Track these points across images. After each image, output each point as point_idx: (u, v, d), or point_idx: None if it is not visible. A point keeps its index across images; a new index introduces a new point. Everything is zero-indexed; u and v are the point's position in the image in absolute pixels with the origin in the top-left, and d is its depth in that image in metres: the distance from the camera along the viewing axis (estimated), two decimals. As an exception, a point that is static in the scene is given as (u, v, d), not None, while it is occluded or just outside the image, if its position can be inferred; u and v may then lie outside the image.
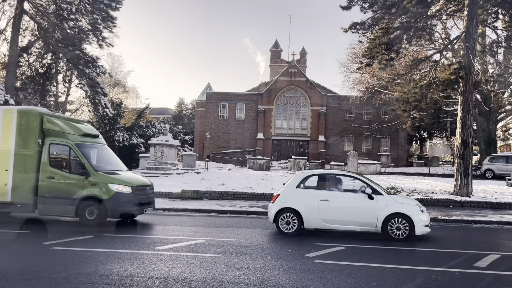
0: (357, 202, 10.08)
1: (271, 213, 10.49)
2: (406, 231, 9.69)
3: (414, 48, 24.79)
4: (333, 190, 10.38)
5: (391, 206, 9.85)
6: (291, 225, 10.20)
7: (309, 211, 10.12)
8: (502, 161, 28.21)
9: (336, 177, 10.80)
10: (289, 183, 10.77)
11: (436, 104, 31.22)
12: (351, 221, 10.04)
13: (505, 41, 21.53)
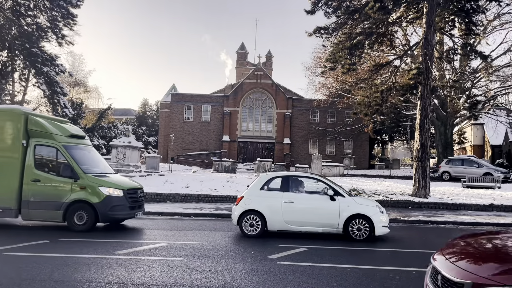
0: (319, 204, 10.22)
1: (234, 215, 10.44)
2: (367, 232, 9.94)
3: (376, 54, 25.53)
4: (296, 192, 10.48)
5: (352, 207, 10.06)
6: (254, 227, 10.20)
7: (273, 213, 10.16)
8: (458, 163, 29.46)
9: (299, 179, 10.89)
10: (253, 185, 10.75)
11: (396, 108, 32.27)
12: (313, 223, 10.17)
13: (461, 48, 22.48)
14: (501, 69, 32.39)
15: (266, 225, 10.23)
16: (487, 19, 29.50)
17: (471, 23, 19.80)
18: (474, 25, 20.14)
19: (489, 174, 26.49)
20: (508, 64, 32.16)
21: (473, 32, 20.53)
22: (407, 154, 73.13)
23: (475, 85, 33.61)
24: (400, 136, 53.46)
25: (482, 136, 59.20)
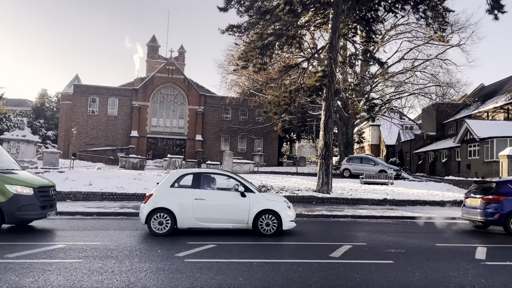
0: (230, 200, 10.33)
1: (143, 214, 10.10)
2: (275, 227, 10.28)
3: (286, 55, 26.45)
4: (207, 189, 10.44)
5: (261, 203, 10.34)
6: (163, 226, 9.96)
7: (183, 210, 10.03)
8: (357, 161, 31.77)
9: (211, 176, 10.86)
10: (163, 183, 10.50)
11: (303, 108, 33.78)
12: (224, 219, 10.26)
13: (362, 54, 24.23)
14: (396, 75, 35.66)
15: (176, 223, 10.05)
16: (385, 29, 32.26)
17: (371, 31, 21.46)
18: (374, 33, 21.86)
19: (384, 172, 28.99)
20: (401, 71, 35.50)
21: (373, 40, 22.28)
22: (313, 152, 77.10)
23: (373, 89, 36.55)
24: (307, 135, 56.07)
25: (378, 136, 64.69)
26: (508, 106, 34.83)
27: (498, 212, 11.88)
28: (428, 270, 7.12)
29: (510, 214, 11.81)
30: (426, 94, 38.33)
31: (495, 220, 12.03)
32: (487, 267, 7.46)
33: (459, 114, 43.99)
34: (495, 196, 12.11)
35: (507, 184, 12.45)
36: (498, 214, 11.87)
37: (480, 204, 12.33)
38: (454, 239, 10.72)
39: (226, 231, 10.53)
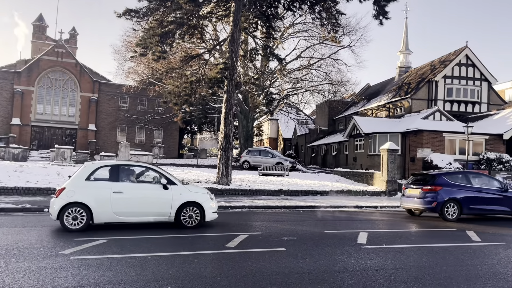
0: (152, 193, 10.07)
1: (54, 209, 9.37)
2: (198, 219, 10.24)
3: (188, 45, 25.97)
4: (127, 182, 10.02)
5: (184, 195, 10.20)
6: (78, 221, 9.38)
7: (101, 204, 9.53)
8: (256, 154, 32.67)
9: (130, 168, 10.47)
10: (77, 175, 9.79)
11: (204, 100, 33.62)
12: (145, 212, 9.96)
13: (262, 50, 24.85)
14: (293, 72, 37.33)
15: (92, 218, 9.51)
16: (284, 26, 33.50)
17: (271, 27, 22.08)
18: (274, 29, 22.54)
19: (281, 164, 30.25)
20: (298, 68, 37.25)
21: (273, 36, 22.96)
22: (214, 145, 77.40)
23: (272, 84, 37.84)
24: (208, 127, 56.04)
25: (276, 130, 67.27)
26: (389, 104, 38.71)
27: (435, 200, 13.47)
28: (317, 256, 7.58)
29: (445, 202, 13.45)
30: (320, 91, 40.89)
31: (433, 208, 13.60)
32: (367, 250, 8.19)
33: (348, 111, 47.72)
34: (433, 187, 13.65)
35: (442, 176, 14.02)
36: (435, 203, 13.45)
37: (420, 194, 13.85)
38: (340, 226, 11.59)
39: (143, 225, 10.17)
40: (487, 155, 25.67)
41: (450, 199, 13.54)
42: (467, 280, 6.23)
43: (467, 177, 14.30)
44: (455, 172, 14.97)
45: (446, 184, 13.82)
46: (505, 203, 14.17)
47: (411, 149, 28.11)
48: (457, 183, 13.99)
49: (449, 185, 13.81)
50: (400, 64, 45.42)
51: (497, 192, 14.21)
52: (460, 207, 13.60)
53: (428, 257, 7.76)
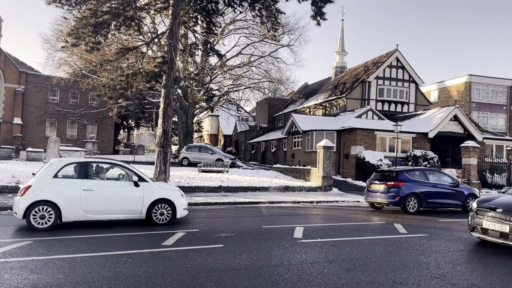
0: (123, 190, 10.06)
1: (19, 208, 9.03)
2: (169, 216, 10.37)
3: (124, 37, 24.99)
4: (97, 179, 9.96)
5: (156, 193, 10.27)
6: (46, 219, 9.14)
7: (69, 202, 9.36)
8: (196, 150, 32.31)
9: (99, 165, 10.39)
10: (43, 173, 9.54)
11: (141, 94, 32.59)
12: (115, 210, 9.90)
13: (202, 45, 24.56)
14: (234, 68, 37.32)
15: (61, 216, 9.31)
16: (225, 22, 33.35)
17: (211, 23, 21.87)
18: (214, 25, 22.33)
19: (221, 160, 30.17)
20: (239, 65, 37.30)
21: (213, 31, 22.74)
22: (152, 141, 75.41)
23: (213, 80, 37.56)
24: (146, 123, 54.47)
25: (217, 126, 67.03)
26: (326, 103, 40.04)
27: (398, 195, 14.55)
28: (254, 251, 7.64)
29: (407, 196, 14.57)
30: (260, 89, 41.28)
31: (396, 202, 14.65)
32: (303, 244, 8.39)
33: (287, 109, 48.70)
34: (396, 183, 14.72)
35: (404, 172, 15.17)
36: (398, 197, 14.55)
37: (384, 189, 14.90)
38: (278, 221, 11.78)
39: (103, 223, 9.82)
40: (414, 152, 27.40)
41: (411, 194, 14.66)
42: (394, 270, 6.59)
43: (425, 174, 15.60)
44: (414, 169, 16.02)
45: (407, 180, 14.92)
46: (456, 197, 15.62)
47: (345, 146, 29.28)
48: (417, 179, 15.21)
49: (410, 181, 14.94)
50: (336, 65, 47.11)
51: (450, 187, 15.63)
52: (419, 201, 14.81)
53: (359, 249, 8.11)
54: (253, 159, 47.76)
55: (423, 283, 5.95)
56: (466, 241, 9.37)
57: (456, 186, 15.81)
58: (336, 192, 21.68)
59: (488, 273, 6.61)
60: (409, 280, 6.05)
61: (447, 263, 7.18)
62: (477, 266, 7.03)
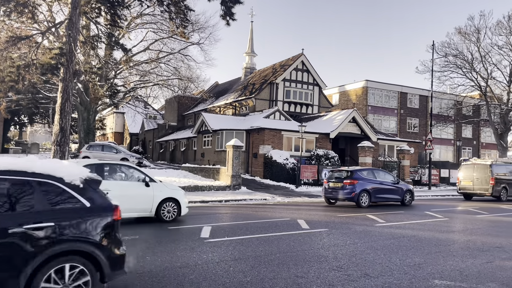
0: (136, 190, 10.82)
1: None
2: (175, 213, 11.33)
3: (16, 24, 22.64)
4: (111, 180, 10.58)
5: (164, 192, 11.20)
6: None
7: None
8: (99, 149, 30.47)
9: (113, 166, 11.15)
10: None
11: (35, 87, 29.89)
12: (130, 209, 10.34)
13: (106, 38, 23.18)
14: (141, 64, 35.96)
15: None
16: (132, 16, 31.96)
17: (116, 15, 20.72)
18: (119, 18, 21.20)
19: (126, 159, 28.85)
20: (146, 61, 36.05)
21: (118, 24, 21.59)
22: (48, 138, 69.60)
23: (117, 75, 35.76)
24: (41, 119, 50.00)
25: (123, 124, 64.06)
26: (236, 103, 40.50)
27: (354, 191, 16.32)
28: (158, 253, 7.40)
29: (361, 192, 16.39)
30: (170, 86, 40.31)
31: (352, 197, 16.37)
32: (209, 244, 8.35)
33: (197, 107, 48.33)
34: (351, 181, 16.50)
35: (357, 172, 17.02)
36: (354, 193, 16.31)
37: (341, 186, 16.63)
38: (185, 221, 11.57)
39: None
40: (317, 152, 28.95)
41: (363, 190, 16.53)
42: (296, 265, 6.86)
43: (373, 173, 17.69)
44: (365, 169, 18.04)
45: (361, 178, 16.79)
46: (397, 193, 17.79)
47: (254, 146, 29.91)
48: (367, 177, 17.11)
49: (362, 179, 16.81)
50: (246, 65, 47.91)
51: (392, 184, 17.78)
52: (370, 196, 16.71)
53: (265, 246, 8.30)
54: (162, 159, 46.54)
55: (322, 275, 6.27)
56: (361, 234, 10.11)
57: (397, 184, 18.02)
58: (244, 191, 22.02)
59: (379, 263, 7.19)
60: (309, 273, 6.34)
61: (344, 255, 7.67)
62: (369, 256, 7.61)
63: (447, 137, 51.87)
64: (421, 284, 5.94)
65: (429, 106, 38.86)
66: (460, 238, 9.88)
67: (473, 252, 8.30)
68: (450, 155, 51.82)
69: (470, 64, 40.95)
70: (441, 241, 9.36)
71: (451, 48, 41.57)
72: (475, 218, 14.28)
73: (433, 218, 13.65)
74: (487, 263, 7.34)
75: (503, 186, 22.08)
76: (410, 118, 49.30)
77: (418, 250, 8.32)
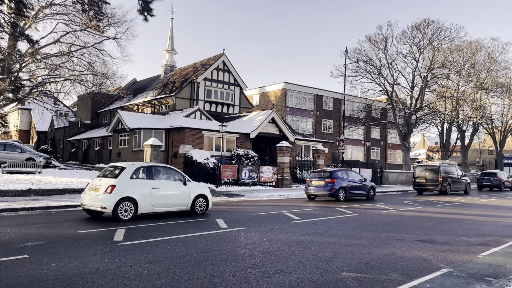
0: (176, 188, 12.74)
1: (108, 204, 11.11)
2: (205, 207, 13.39)
3: None
4: (157, 179, 12.28)
5: (197, 190, 13.23)
6: (128, 212, 11.37)
7: (144, 198, 11.68)
8: (0, 148, 27.77)
9: (157, 168, 12.70)
10: (123, 175, 11.56)
11: None
12: (172, 204, 12.58)
13: (10, 27, 21.19)
14: (50, 57, 33.38)
15: (137, 210, 11.55)
16: (40, 5, 29.56)
17: (21, 3, 19.03)
18: (25, 6, 19.49)
19: (32, 160, 26.62)
20: (56, 54, 33.56)
21: (23, 13, 19.85)
22: None
23: (23, 68, 32.82)
24: None
25: (29, 121, 59.02)
26: (155, 101, 39.39)
27: (334, 188, 19.77)
28: (66, 259, 6.93)
29: (339, 189, 19.83)
30: (83, 82, 37.90)
31: (332, 193, 19.76)
32: (123, 247, 8.01)
33: (113, 105, 46.16)
34: (331, 180, 19.97)
35: (335, 172, 20.66)
36: (334, 190, 19.76)
37: (323, 184, 20.00)
38: (96, 225, 10.99)
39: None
40: (237, 151, 29.21)
41: (341, 187, 20.02)
42: (212, 264, 6.85)
43: (347, 173, 21.46)
44: (340, 170, 21.89)
45: (338, 177, 20.25)
46: (364, 189, 21.48)
47: (174, 145, 29.33)
48: (342, 176, 20.63)
49: (339, 178, 20.27)
50: (166, 63, 46.82)
51: (360, 182, 21.41)
52: (345, 192, 20.20)
53: (181, 247, 8.18)
54: (74, 159, 43.70)
55: (238, 273, 6.34)
56: (277, 231, 10.40)
57: (364, 181, 21.79)
58: (163, 191, 21.48)
59: (292, 258, 7.45)
60: (225, 272, 6.36)
61: (260, 252, 7.83)
62: (284, 253, 7.85)
63: (358, 138, 55.40)
64: (331, 277, 6.27)
65: (342, 108, 41.20)
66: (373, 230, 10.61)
67: (379, 244, 8.95)
68: (360, 155, 55.41)
69: (378, 70, 44.10)
70: (351, 236, 9.97)
71: (362, 55, 44.44)
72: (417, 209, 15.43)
73: (381, 209, 14.49)
74: (389, 255, 7.96)
75: (448, 182, 27.73)
76: (325, 120, 51.84)
77: (329, 245, 8.77)
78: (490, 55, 49.48)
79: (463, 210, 17.49)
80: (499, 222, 13.70)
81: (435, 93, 47.41)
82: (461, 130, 53.43)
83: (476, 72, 48.28)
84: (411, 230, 11.14)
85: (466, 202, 22.10)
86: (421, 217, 14.60)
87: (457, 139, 54.36)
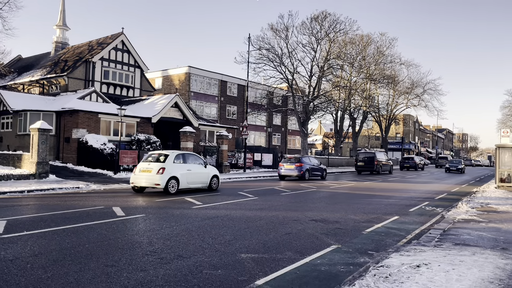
0: (201, 170, 16.77)
1: (162, 181, 14.88)
2: (217, 185, 17.59)
3: None
4: (189, 163, 16.34)
5: (213, 171, 17.46)
6: (174, 187, 15.28)
7: (182, 177, 15.64)
8: None
9: (187, 154, 16.73)
10: (168, 160, 15.40)
11: None
12: (198, 181, 16.68)
13: None
14: None
15: (178, 186, 15.46)
16: None
17: None
18: None
19: None
20: None
21: None
22: None
23: None
24: None
25: None
26: (44, 81, 35.90)
27: (302, 170, 25.39)
28: None
29: (306, 171, 25.63)
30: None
31: (301, 175, 25.30)
32: (3, 240, 7.22)
33: (-6, 84, 41.03)
34: (300, 164, 25.58)
35: (302, 158, 26.50)
36: (302, 171, 25.38)
37: (294, 167, 25.40)
38: (-28, 217, 9.74)
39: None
40: (138, 137, 28.04)
41: (307, 169, 25.81)
42: (106, 254, 6.49)
43: (309, 158, 28.03)
44: (307, 156, 28.36)
45: (304, 162, 26.03)
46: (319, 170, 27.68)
47: (66, 129, 27.13)
48: (306, 161, 26.46)
49: (305, 163, 26.01)
50: (56, 39, 42.77)
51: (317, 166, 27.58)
52: (309, 173, 26.19)
53: (72, 237, 7.62)
54: None
55: (134, 261, 6.10)
56: (175, 216, 10.24)
57: (320, 165, 27.75)
58: (53, 179, 19.85)
59: (192, 243, 7.40)
60: (121, 261, 6.08)
61: (159, 239, 7.64)
62: (183, 238, 7.76)
63: (260, 124, 56.91)
64: (230, 259, 6.35)
65: (246, 95, 41.81)
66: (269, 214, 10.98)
67: (276, 226, 9.31)
68: (263, 140, 57.08)
69: (280, 58, 45.47)
70: (250, 218, 10.23)
71: (265, 43, 45.35)
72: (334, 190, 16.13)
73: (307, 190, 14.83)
74: (285, 235, 8.33)
75: (380, 165, 36.64)
76: (230, 106, 52.24)
77: (230, 227, 8.89)
78: (378, 49, 54.14)
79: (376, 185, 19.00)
80: (383, 201, 15.18)
81: (330, 82, 50.52)
82: (352, 118, 57.94)
83: (367, 64, 52.51)
84: (306, 211, 11.79)
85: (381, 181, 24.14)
86: (318, 197, 15.55)
87: (349, 126, 58.89)
